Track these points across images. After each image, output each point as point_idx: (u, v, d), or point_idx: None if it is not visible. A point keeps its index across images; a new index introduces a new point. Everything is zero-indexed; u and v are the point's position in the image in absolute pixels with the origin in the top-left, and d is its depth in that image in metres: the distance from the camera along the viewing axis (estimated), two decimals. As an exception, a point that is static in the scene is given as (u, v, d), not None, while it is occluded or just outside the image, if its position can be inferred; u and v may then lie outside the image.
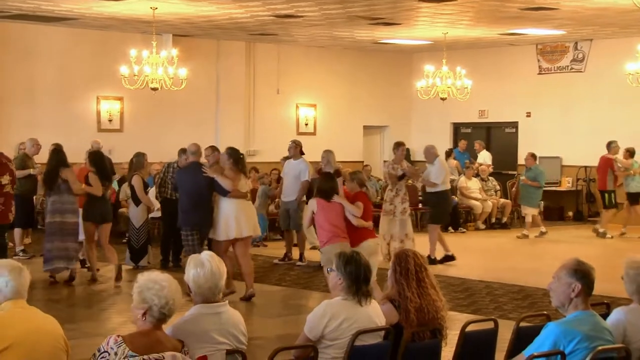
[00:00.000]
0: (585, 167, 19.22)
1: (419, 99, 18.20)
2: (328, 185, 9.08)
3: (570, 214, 19.70)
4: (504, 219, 18.05)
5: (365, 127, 22.00)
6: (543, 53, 20.32)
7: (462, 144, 20.30)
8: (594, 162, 18.63)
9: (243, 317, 4.55)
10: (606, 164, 16.48)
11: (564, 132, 19.60)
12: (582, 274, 4.39)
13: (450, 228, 16.77)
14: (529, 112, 20.60)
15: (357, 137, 21.64)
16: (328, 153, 12.82)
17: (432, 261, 12.40)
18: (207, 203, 9.96)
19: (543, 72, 20.39)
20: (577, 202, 19.65)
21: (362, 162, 20.66)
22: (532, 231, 16.26)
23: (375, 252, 9.37)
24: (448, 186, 13.17)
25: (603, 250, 14.60)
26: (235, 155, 10.04)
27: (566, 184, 19.38)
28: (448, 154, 19.49)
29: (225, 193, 9.82)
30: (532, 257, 13.79)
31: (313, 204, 9.09)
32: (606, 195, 16.48)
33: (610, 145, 16.59)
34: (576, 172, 19.47)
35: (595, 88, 19.33)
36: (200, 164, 10.25)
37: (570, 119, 19.73)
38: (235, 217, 9.80)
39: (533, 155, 16.66)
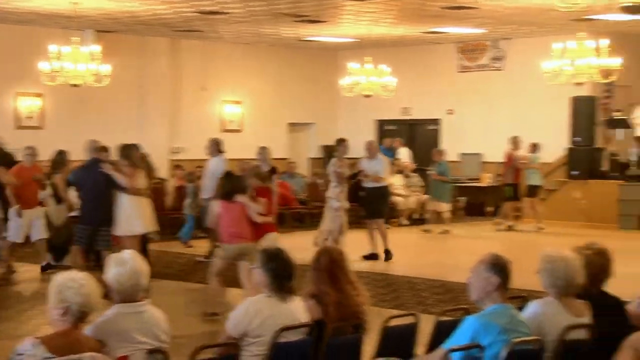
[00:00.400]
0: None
1: (344, 96, 18.29)
2: (229, 186, 9.04)
3: (491, 209, 20.04)
4: (426, 215, 18.27)
5: (291, 124, 21.99)
6: (464, 51, 20.64)
7: (389, 141, 20.46)
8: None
9: (167, 316, 4.50)
10: (509, 159, 16.94)
11: (485, 129, 19.94)
12: (499, 268, 4.47)
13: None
14: (451, 110, 20.90)
15: (282, 134, 21.62)
16: (264, 150, 12.80)
17: (388, 254, 12.64)
18: (107, 200, 9.90)
19: (464, 70, 20.71)
20: (496, 197, 19.98)
21: (287, 159, 20.65)
22: (437, 227, 16.39)
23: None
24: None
25: (519, 244, 14.90)
26: (126, 152, 9.99)
27: (486, 180, 19.71)
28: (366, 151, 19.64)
29: (123, 189, 9.81)
30: (452, 253, 13.99)
31: (216, 205, 9.04)
32: (506, 188, 16.97)
33: (513, 140, 17.02)
34: (496, 169, 19.81)
35: (514, 86, 19.72)
36: (99, 161, 10.16)
37: (491, 116, 20.09)
38: (135, 213, 9.75)
39: (440, 151, 16.92)
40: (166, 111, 19.63)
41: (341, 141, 13.03)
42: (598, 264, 5.00)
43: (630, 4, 7.47)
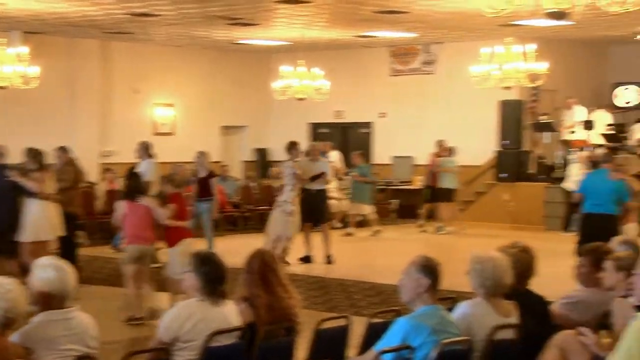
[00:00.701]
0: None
1: (277, 99, 18.29)
2: (132, 186, 9.06)
3: (422, 211, 20.26)
4: (348, 219, 18.33)
5: (224, 127, 21.89)
6: (396, 55, 20.83)
7: (320, 144, 20.47)
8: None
9: (96, 322, 4.42)
10: (431, 162, 17.18)
11: (416, 132, 20.14)
12: (429, 269, 4.52)
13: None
14: (383, 113, 21.07)
15: (215, 137, 21.50)
16: (202, 155, 12.71)
17: (330, 258, 12.70)
18: (12, 205, 9.73)
19: (396, 73, 20.91)
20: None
21: (220, 162, 20.55)
22: (361, 230, 16.48)
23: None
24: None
25: (447, 246, 15.10)
26: (34, 156, 9.93)
27: (418, 183, 19.90)
28: (307, 154, 19.63)
29: (32, 195, 9.69)
30: (384, 255, 14.10)
31: (121, 205, 9.03)
32: (425, 191, 17.22)
33: (437, 144, 17.26)
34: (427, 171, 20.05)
35: (445, 89, 19.98)
36: (5, 166, 10.01)
37: (422, 119, 20.31)
38: (42, 220, 9.63)
39: (361, 154, 17.07)
40: (96, 114, 19.34)
41: (293, 144, 12.93)
42: (524, 262, 5.12)
43: (555, 10, 7.64)
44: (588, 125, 17.93)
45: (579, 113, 18.42)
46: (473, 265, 4.77)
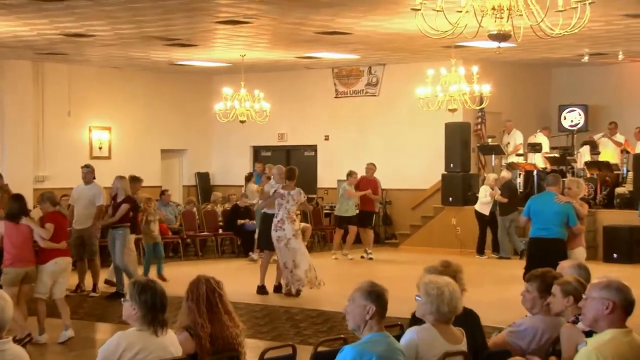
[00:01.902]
0: (384, 189, 19.95)
1: (219, 121, 18.26)
2: (15, 208, 9.16)
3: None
4: (305, 243, 18.33)
5: (164, 151, 21.76)
6: (339, 77, 20.99)
7: (259, 167, 20.51)
8: (390, 183, 19.42)
9: (34, 352, 4.35)
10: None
11: (360, 155, 20.25)
12: (375, 295, 4.53)
13: (251, 253, 16.87)
14: (327, 136, 21.17)
15: (154, 161, 21.36)
16: (119, 180, 12.60)
17: (278, 288, 12.50)
18: None
19: (340, 95, 21.05)
20: (375, 223, 20.33)
21: (160, 186, 20.40)
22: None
23: (66, 270, 9.50)
24: None
25: (396, 270, 15.22)
26: None
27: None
28: (248, 178, 19.62)
29: None
30: (330, 281, 14.13)
31: (1, 227, 9.14)
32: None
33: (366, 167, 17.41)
34: (373, 195, 20.18)
35: (389, 111, 20.17)
36: None
37: (366, 142, 20.46)
38: None
39: (268, 177, 16.92)
40: (29, 137, 19.06)
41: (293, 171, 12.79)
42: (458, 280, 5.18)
43: (496, 32, 7.80)
44: (535, 147, 18.25)
45: (518, 136, 18.78)
46: (428, 290, 4.78)
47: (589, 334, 4.32)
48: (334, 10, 13.15)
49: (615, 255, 16.10)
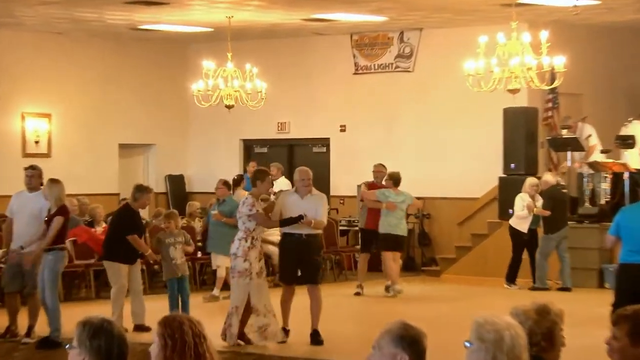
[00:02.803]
0: (417, 198, 19.90)
1: (197, 106, 18.24)
2: None
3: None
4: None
5: (123, 147, 21.79)
6: (360, 46, 20.96)
7: (252, 167, 20.47)
8: (429, 190, 19.38)
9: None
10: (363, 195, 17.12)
11: (388, 152, 20.18)
12: (410, 340, 4.51)
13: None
14: (344, 126, 21.15)
15: (110, 160, 21.39)
16: (50, 186, 12.61)
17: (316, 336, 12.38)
18: None
19: (360, 71, 21.01)
20: (407, 245, 20.29)
21: (118, 194, 20.42)
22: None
23: None
24: None
25: (437, 308, 15.19)
26: None
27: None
28: (237, 183, 19.59)
29: None
30: (348, 322, 14.10)
31: None
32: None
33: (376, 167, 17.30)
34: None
35: (426, 93, 20.12)
36: None
37: (396, 134, 20.42)
38: None
39: (226, 183, 16.80)
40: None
41: (262, 173, 12.66)
42: (544, 328, 5.16)
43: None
44: (627, 141, 18.13)
45: (587, 129, 18.74)
46: (482, 334, 4.77)
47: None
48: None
49: None
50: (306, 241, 12.24)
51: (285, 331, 12.36)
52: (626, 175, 17.74)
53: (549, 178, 17.35)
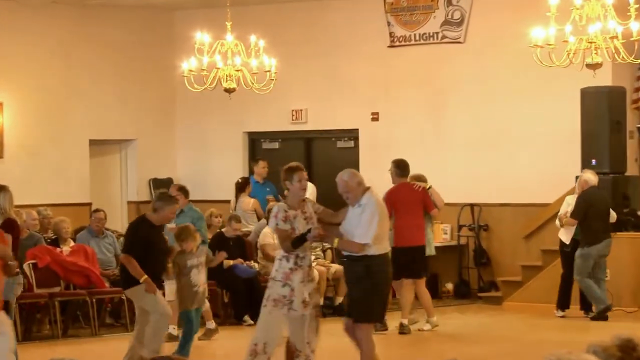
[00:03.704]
0: (472, 204, 19.94)
1: (189, 91, 18.27)
2: None
3: (450, 286, 20.33)
4: (340, 299, 18.38)
5: (95, 143, 21.89)
6: (396, 11, 20.96)
7: (261, 168, 20.51)
8: (487, 195, 19.38)
9: None
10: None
11: (432, 146, 20.23)
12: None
13: (247, 317, 16.95)
14: (376, 114, 21.20)
15: (78, 160, 21.46)
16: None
17: None
18: None
19: (398, 43, 21.03)
20: (459, 265, 20.30)
21: (90, 204, 20.49)
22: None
23: None
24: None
25: (499, 345, 15.20)
26: None
27: (440, 236, 19.96)
28: (241, 188, 19.66)
29: None
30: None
31: None
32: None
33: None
34: (457, 215, 20.11)
35: (482, 70, 20.15)
36: None
37: (443, 123, 20.48)
38: None
39: (182, 189, 16.68)
40: None
41: (292, 170, 12.52)
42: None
43: None
44: None
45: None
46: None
47: None
48: None
49: None
50: (345, 264, 12.40)
51: None
52: None
53: (590, 177, 17.32)
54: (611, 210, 17.35)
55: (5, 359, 10.99)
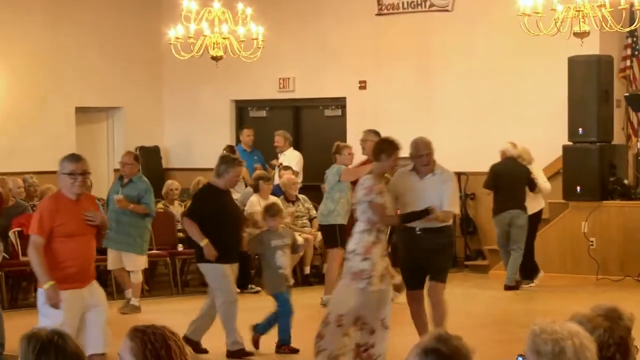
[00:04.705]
0: (459, 173, 19.90)
1: (176, 58, 18.25)
2: None
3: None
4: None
5: (81, 111, 21.87)
6: (384, -21, 20.97)
7: (246, 136, 20.49)
8: (473, 164, 19.37)
9: None
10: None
11: (420, 114, 20.20)
12: (441, 357, 4.56)
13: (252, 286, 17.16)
14: (364, 82, 21.20)
15: (65, 128, 21.42)
16: None
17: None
18: None
19: (385, 11, 20.99)
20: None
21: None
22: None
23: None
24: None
25: (487, 313, 15.22)
26: None
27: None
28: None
29: None
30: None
31: None
32: None
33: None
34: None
35: (470, 39, 20.15)
36: None
37: (431, 92, 20.50)
38: None
39: (137, 158, 16.60)
40: None
41: (391, 145, 12.29)
42: (618, 338, 5.19)
43: None
44: None
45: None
46: (538, 346, 4.79)
47: None
48: None
49: None
50: (421, 237, 12.11)
51: None
52: None
53: (508, 147, 17.61)
54: (542, 183, 17.64)
55: None
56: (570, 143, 18.59)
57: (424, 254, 12.07)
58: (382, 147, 11.76)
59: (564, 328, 4.84)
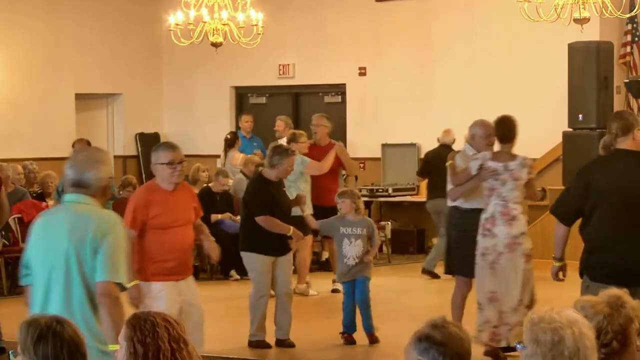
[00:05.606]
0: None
1: (175, 44, 18.23)
2: None
3: (435, 241, 20.32)
4: (326, 255, 18.39)
5: (80, 98, 21.85)
6: (384, -36, 20.95)
7: (244, 122, 20.47)
8: (473, 151, 19.36)
9: None
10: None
11: (421, 101, 20.21)
12: (437, 344, 4.57)
13: (233, 272, 17.04)
14: (364, 68, 21.18)
15: (64, 114, 21.45)
16: None
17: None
18: None
19: (385, -3, 21.01)
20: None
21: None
22: None
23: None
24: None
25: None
26: None
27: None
28: (230, 144, 19.63)
29: None
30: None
31: None
32: None
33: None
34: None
35: (470, 25, 20.13)
36: None
37: (432, 78, 20.48)
38: None
39: (90, 144, 16.63)
40: None
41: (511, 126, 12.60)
42: (618, 326, 5.19)
43: None
44: None
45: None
46: (537, 335, 4.80)
47: None
48: None
49: None
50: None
51: None
52: None
53: (441, 135, 17.84)
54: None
55: None
56: (570, 129, 18.57)
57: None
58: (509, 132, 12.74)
59: (562, 316, 4.84)
